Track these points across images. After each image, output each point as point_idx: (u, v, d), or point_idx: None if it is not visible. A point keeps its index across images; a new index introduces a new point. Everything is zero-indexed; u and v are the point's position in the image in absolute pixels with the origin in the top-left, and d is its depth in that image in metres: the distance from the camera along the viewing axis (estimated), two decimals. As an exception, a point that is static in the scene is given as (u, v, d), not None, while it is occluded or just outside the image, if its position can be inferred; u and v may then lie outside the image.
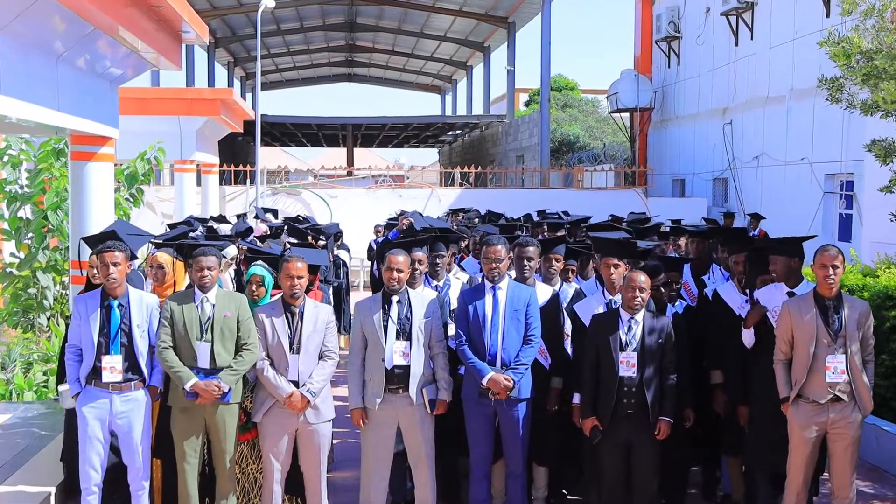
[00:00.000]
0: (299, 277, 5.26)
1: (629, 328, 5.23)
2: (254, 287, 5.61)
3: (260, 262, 5.72)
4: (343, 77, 44.54)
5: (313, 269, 6.34)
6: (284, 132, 37.29)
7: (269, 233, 8.66)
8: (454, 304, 5.94)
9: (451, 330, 5.70)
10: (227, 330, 5.19)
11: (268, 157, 53.94)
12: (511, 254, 5.66)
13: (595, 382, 5.30)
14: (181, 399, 5.15)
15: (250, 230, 9.75)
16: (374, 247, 13.25)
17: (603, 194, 20.45)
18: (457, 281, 6.25)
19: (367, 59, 39.63)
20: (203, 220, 12.21)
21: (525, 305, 5.44)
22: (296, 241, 8.36)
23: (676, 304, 5.84)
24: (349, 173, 27.27)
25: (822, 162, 16.24)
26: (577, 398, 5.46)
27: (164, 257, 5.74)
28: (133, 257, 5.45)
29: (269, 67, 39.98)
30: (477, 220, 11.22)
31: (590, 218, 9.20)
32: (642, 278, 5.18)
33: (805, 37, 16.60)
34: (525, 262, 5.68)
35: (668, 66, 24.00)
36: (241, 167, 20.64)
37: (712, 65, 21.19)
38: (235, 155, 31.32)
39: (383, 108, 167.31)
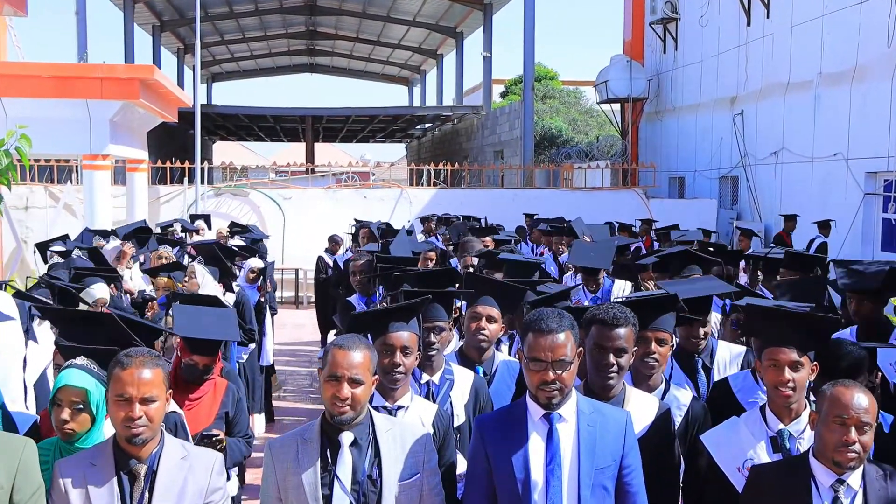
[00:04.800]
0: (146, 401, 2.50)
1: (835, 501, 2.56)
2: (65, 413, 2.77)
3: (80, 359, 2.81)
4: (305, 67, 41.55)
5: (212, 350, 3.62)
6: (240, 125, 34.24)
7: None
8: (461, 417, 3.24)
9: (462, 465, 3.01)
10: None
11: (225, 152, 50.88)
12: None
13: None
14: None
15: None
16: (329, 264, 10.42)
17: (599, 195, 17.82)
18: (461, 369, 3.51)
19: (329, 48, 36.71)
20: (104, 234, 9.46)
21: (618, 456, 2.61)
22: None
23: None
24: (309, 170, 24.42)
25: (860, 158, 13.94)
26: None
27: None
28: None
29: (224, 56, 37.01)
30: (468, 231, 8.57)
31: (628, 246, 6.44)
32: (865, 402, 2.48)
33: (838, 12, 14.29)
34: (612, 357, 2.85)
35: (664, 52, 21.72)
36: (178, 164, 17.73)
37: (718, 48, 19.03)
38: (186, 151, 28.27)
39: (348, 101, 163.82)
